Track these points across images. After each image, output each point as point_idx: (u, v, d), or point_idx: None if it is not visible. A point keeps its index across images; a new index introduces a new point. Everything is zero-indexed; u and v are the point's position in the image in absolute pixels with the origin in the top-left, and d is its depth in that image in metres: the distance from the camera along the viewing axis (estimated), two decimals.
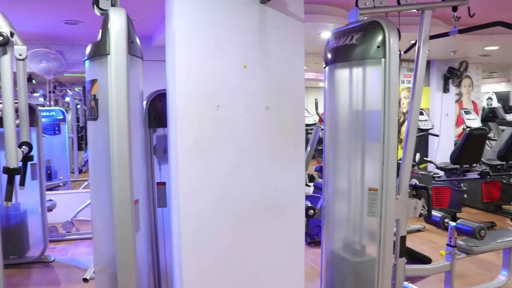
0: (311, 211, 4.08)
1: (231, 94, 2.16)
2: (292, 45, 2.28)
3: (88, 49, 2.22)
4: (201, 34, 2.10)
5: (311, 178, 6.65)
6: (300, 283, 2.43)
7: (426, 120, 6.80)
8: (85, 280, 3.47)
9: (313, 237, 4.93)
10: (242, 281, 2.26)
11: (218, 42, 2.13)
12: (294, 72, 2.28)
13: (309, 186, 6.05)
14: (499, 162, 6.12)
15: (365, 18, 2.43)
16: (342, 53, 2.43)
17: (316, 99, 6.19)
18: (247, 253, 2.26)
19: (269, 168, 2.26)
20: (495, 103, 12.29)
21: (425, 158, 6.91)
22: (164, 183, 2.79)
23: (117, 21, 2.03)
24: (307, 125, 5.63)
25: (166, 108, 2.40)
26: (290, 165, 2.30)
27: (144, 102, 2.72)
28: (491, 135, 8.18)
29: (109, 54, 2.03)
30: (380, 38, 2.24)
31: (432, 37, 2.76)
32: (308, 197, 4.92)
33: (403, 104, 7.68)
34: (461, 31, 2.81)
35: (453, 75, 7.89)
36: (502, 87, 13.11)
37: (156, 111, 2.77)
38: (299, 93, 2.30)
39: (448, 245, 3.48)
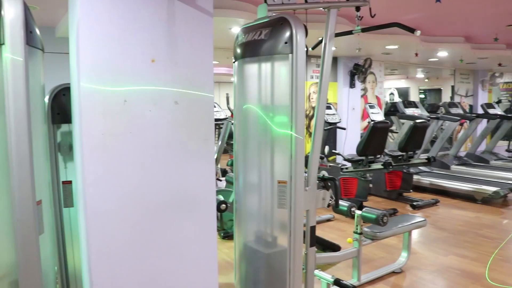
0: (223, 205, 4.10)
1: (139, 88, 2.11)
2: (201, 39, 2.26)
3: None
4: (106, 26, 2.02)
5: (224, 173, 6.68)
6: (214, 277, 2.44)
7: (334, 114, 7.10)
8: None
9: (227, 231, 4.97)
10: (156, 279, 2.23)
11: (125, 35, 2.06)
12: (203, 66, 2.27)
13: (221, 180, 6.08)
14: (400, 153, 6.54)
15: (274, 14, 2.48)
16: (251, 48, 2.46)
17: (227, 94, 6.21)
18: (160, 250, 2.22)
19: (179, 164, 2.24)
20: (397, 98, 13.15)
21: (333, 151, 7.21)
22: (70, 182, 2.66)
23: (12, 9, 1.89)
24: (218, 119, 5.64)
25: (71, 103, 2.29)
26: (200, 160, 2.30)
27: (47, 97, 2.57)
28: (393, 128, 8.73)
29: (3, 44, 1.89)
30: (287, 34, 2.29)
31: (337, 35, 2.88)
32: (220, 192, 4.94)
33: (312, 98, 7.94)
34: (363, 30, 2.96)
35: (358, 71, 8.29)
36: (402, 83, 14.05)
37: (60, 106, 2.63)
38: (208, 87, 2.29)
39: (355, 232, 3.67)
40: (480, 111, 9.66)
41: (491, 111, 9.18)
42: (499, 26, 6.25)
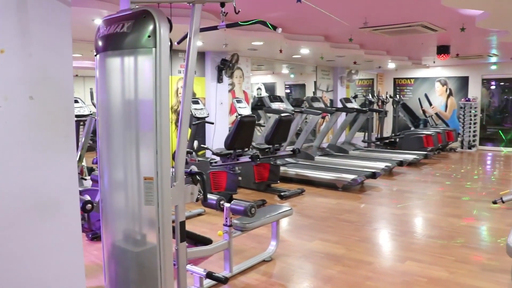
0: (89, 205, 3.92)
1: None
2: (58, 30, 2.13)
3: None
4: None
5: (90, 171, 6.36)
6: (81, 282, 2.33)
7: (202, 108, 7.14)
8: None
9: (95, 232, 4.74)
10: None
11: None
12: (61, 59, 2.14)
13: (85, 179, 5.80)
14: (267, 146, 6.81)
15: (137, 6, 2.41)
16: (113, 41, 2.36)
17: (91, 89, 5.94)
18: (19, 259, 2.06)
19: (36, 164, 2.08)
20: (264, 93, 13.64)
21: (202, 145, 7.26)
22: None
23: None
24: (82, 115, 5.36)
25: None
26: (60, 158, 2.17)
27: None
28: (261, 122, 9.06)
29: None
30: (150, 27, 2.25)
31: (202, 30, 2.89)
32: (87, 191, 4.70)
33: (180, 93, 7.89)
34: (228, 26, 3.01)
35: (226, 67, 8.42)
36: (269, 78, 14.61)
37: None
38: (67, 81, 2.17)
39: (224, 225, 3.74)
40: (340, 105, 10.47)
41: (349, 105, 10.00)
42: (353, 28, 6.81)
